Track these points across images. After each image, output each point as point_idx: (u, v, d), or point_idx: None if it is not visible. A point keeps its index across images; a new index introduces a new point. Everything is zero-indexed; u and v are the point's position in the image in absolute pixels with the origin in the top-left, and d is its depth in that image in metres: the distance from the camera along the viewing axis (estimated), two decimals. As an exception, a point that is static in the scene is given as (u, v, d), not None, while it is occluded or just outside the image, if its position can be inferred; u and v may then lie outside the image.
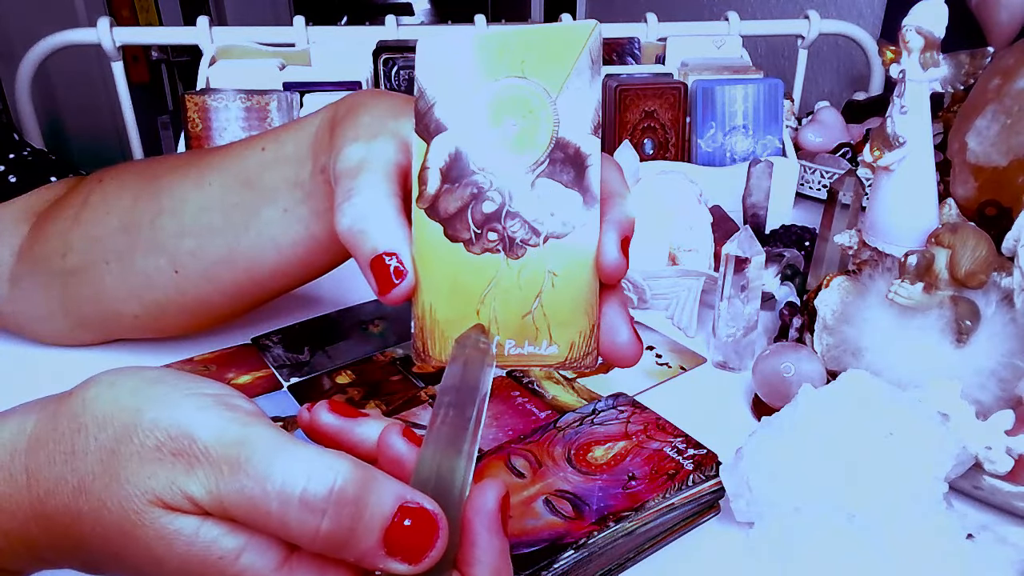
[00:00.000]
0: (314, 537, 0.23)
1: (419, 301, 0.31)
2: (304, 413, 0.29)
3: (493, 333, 0.30)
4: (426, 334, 0.31)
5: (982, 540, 0.39)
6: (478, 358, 0.28)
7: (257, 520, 0.23)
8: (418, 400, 0.55)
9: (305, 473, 0.23)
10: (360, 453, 0.27)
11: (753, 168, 0.77)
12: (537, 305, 0.30)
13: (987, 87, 0.59)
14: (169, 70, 3.02)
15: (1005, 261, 0.49)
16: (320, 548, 0.23)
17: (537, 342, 0.30)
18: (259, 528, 0.23)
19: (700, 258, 0.66)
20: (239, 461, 0.23)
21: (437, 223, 0.31)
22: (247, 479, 0.23)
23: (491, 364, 0.28)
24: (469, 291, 0.30)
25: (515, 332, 0.30)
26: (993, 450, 0.41)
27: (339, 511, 0.22)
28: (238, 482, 0.23)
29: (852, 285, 0.53)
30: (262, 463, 0.23)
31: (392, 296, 0.30)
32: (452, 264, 0.30)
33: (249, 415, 0.25)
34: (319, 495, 0.22)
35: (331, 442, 0.28)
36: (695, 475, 0.41)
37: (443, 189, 0.31)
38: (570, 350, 0.31)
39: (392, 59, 0.89)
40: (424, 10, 4.59)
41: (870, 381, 0.43)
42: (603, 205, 0.30)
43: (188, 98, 0.84)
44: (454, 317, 0.31)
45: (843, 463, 0.40)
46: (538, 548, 0.37)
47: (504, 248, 0.30)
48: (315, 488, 0.22)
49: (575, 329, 0.30)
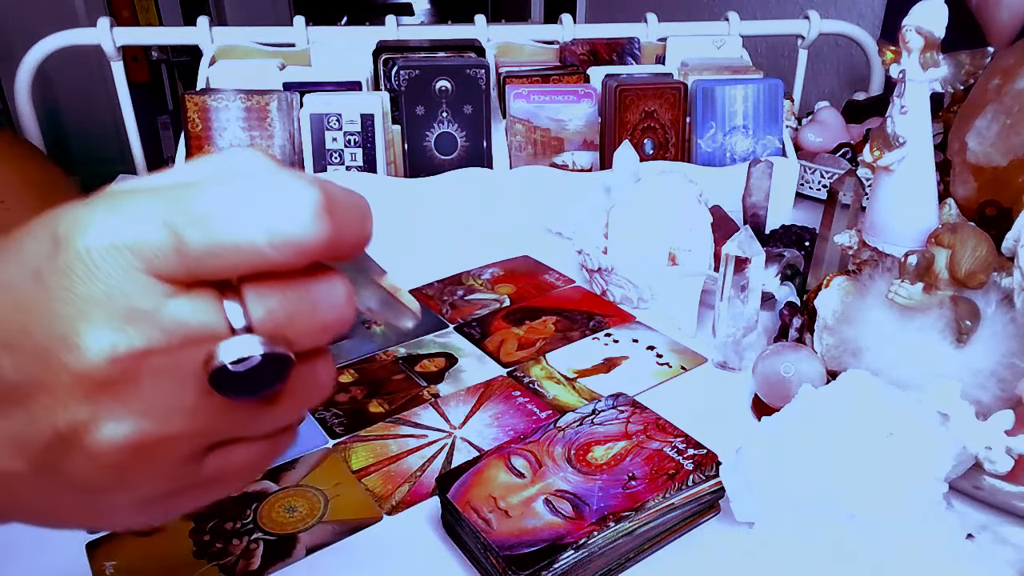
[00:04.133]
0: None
1: None
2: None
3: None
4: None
5: (982, 540, 0.39)
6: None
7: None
8: (420, 399, 0.55)
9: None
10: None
11: (753, 168, 0.77)
12: None
13: (987, 87, 0.59)
14: (169, 70, 3.02)
15: (1005, 261, 0.49)
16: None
17: None
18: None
19: (700, 258, 0.66)
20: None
21: None
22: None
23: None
24: None
25: None
26: (993, 450, 0.41)
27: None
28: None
29: (852, 285, 0.53)
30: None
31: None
32: None
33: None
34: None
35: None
36: (695, 475, 0.41)
37: None
38: None
39: (392, 59, 0.89)
40: (424, 10, 4.58)
41: (870, 381, 0.43)
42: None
43: (188, 98, 0.84)
44: None
45: (843, 463, 0.40)
46: (538, 548, 0.37)
47: None
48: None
49: None
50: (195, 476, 0.23)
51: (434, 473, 0.47)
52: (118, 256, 0.19)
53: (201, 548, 0.42)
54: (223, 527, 0.43)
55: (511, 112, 0.88)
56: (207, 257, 0.20)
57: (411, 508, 0.45)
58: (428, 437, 0.51)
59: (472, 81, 0.85)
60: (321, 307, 0.22)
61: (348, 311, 0.22)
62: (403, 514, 0.45)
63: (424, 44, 0.95)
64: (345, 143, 0.84)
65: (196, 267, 0.20)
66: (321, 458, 0.49)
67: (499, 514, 0.39)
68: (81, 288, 0.19)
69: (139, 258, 0.19)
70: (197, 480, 0.23)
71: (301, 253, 0.20)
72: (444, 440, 0.51)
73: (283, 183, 0.20)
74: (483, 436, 0.51)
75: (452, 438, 0.51)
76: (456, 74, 0.85)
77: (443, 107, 0.86)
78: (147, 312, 0.20)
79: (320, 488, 0.47)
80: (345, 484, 0.47)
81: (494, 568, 0.38)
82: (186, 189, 0.20)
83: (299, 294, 0.21)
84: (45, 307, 0.20)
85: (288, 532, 0.43)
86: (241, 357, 0.20)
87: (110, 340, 0.19)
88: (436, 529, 0.43)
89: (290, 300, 0.21)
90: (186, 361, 0.20)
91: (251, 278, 0.21)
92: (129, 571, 0.41)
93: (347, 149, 0.85)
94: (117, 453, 0.21)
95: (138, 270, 0.20)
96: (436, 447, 0.50)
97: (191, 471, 0.23)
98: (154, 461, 0.22)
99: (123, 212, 0.20)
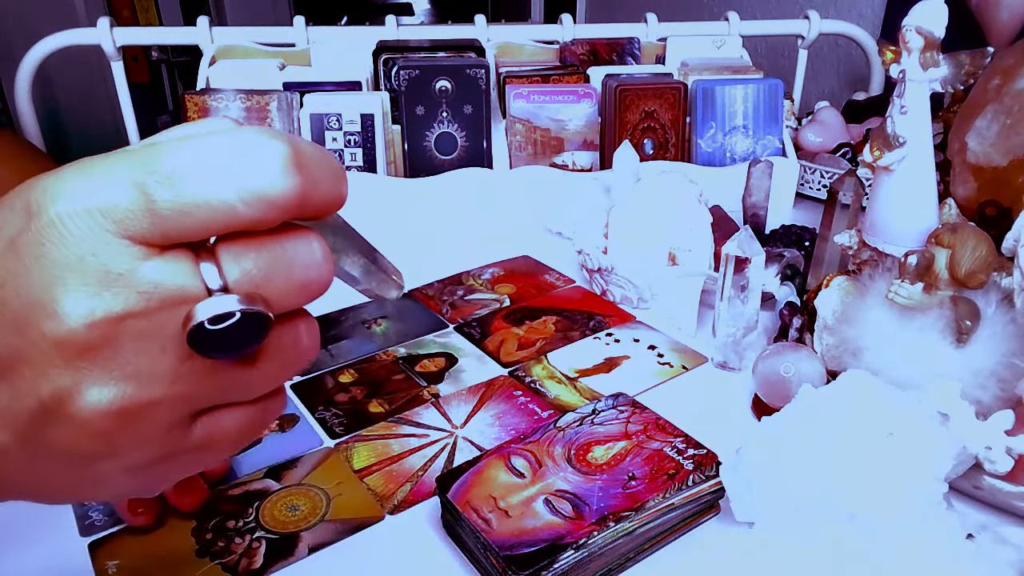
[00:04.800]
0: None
1: None
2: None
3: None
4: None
5: (982, 540, 0.39)
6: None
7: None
8: (420, 399, 0.55)
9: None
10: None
11: (753, 168, 0.77)
12: None
13: (987, 87, 0.59)
14: (169, 70, 3.02)
15: (1005, 261, 0.49)
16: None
17: None
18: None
19: (700, 258, 0.66)
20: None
21: None
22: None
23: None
24: None
25: None
26: (993, 450, 0.41)
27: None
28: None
29: (852, 285, 0.53)
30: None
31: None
32: None
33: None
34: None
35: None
36: (695, 475, 0.42)
37: None
38: None
39: (392, 59, 0.89)
40: (424, 10, 4.58)
41: (870, 381, 0.43)
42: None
43: (188, 98, 0.84)
44: None
45: (843, 463, 0.40)
46: (538, 548, 0.37)
47: None
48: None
49: None
50: (184, 442, 0.23)
51: (436, 472, 0.47)
52: (89, 220, 0.19)
53: (203, 547, 0.42)
54: (225, 526, 0.44)
55: (511, 112, 0.88)
56: (179, 216, 0.20)
57: (413, 508, 0.45)
58: (430, 437, 0.51)
59: (472, 81, 0.85)
60: (297, 266, 0.22)
61: (325, 270, 0.22)
62: (405, 513, 0.45)
63: (424, 44, 0.95)
64: (345, 143, 0.84)
65: (169, 227, 0.20)
66: (323, 457, 0.49)
67: (499, 514, 0.39)
68: (55, 254, 0.19)
69: (110, 220, 0.19)
70: (186, 446, 0.23)
71: (272, 208, 0.20)
72: (446, 440, 0.51)
73: (251, 139, 0.20)
74: (485, 435, 0.51)
75: (454, 438, 0.51)
76: (456, 74, 0.85)
77: (443, 107, 0.86)
78: (122, 275, 0.20)
79: (322, 487, 0.47)
80: (347, 483, 0.47)
81: (494, 568, 0.38)
82: (154, 149, 0.20)
83: (274, 253, 0.21)
84: (21, 276, 0.20)
85: (290, 531, 0.43)
86: (218, 315, 0.20)
87: (87, 305, 0.20)
88: (437, 529, 0.43)
89: (265, 259, 0.21)
90: (165, 324, 0.20)
91: (226, 238, 0.21)
92: (131, 570, 0.41)
93: (347, 149, 0.85)
94: (102, 419, 0.21)
95: (110, 233, 0.20)
96: (438, 447, 0.50)
97: (179, 437, 0.23)
98: (140, 426, 0.22)
99: (92, 176, 0.20)
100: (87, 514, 0.45)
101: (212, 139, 0.20)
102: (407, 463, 0.49)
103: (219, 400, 0.23)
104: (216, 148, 0.20)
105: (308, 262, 0.22)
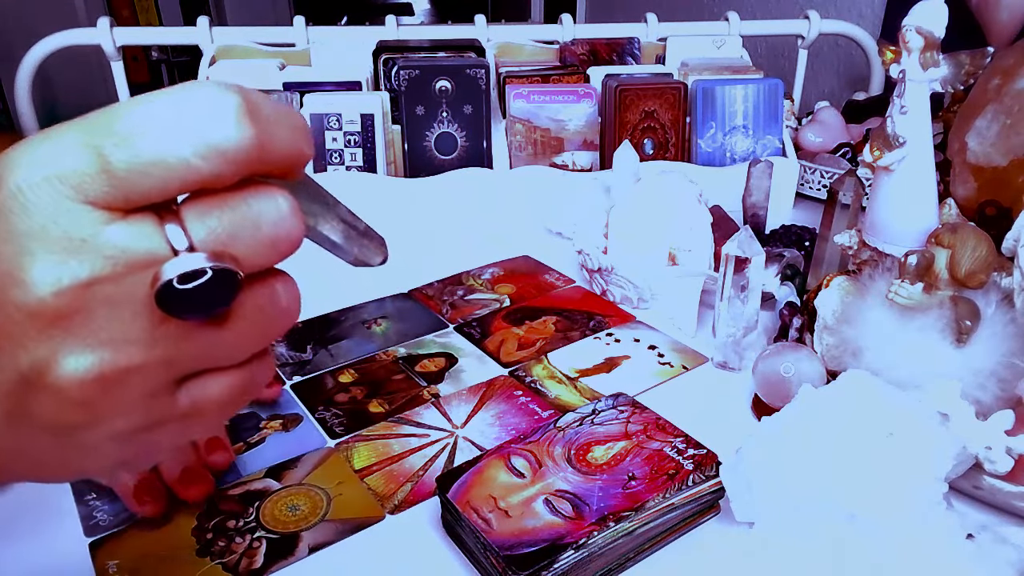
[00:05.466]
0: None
1: None
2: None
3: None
4: None
5: (982, 540, 0.39)
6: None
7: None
8: (420, 399, 0.55)
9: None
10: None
11: (753, 168, 0.77)
12: None
13: (987, 87, 0.59)
14: (169, 70, 3.03)
15: (1005, 261, 0.49)
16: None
17: None
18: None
19: (700, 258, 0.66)
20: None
21: None
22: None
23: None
24: None
25: None
26: (993, 450, 0.41)
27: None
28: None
29: (852, 285, 0.53)
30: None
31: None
32: None
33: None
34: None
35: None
36: (695, 475, 0.42)
37: None
38: None
39: (392, 59, 0.89)
40: (424, 10, 4.59)
41: (870, 381, 0.43)
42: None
43: (188, 98, 0.84)
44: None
45: (843, 463, 0.40)
46: (538, 548, 0.37)
47: None
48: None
49: None
50: (171, 409, 0.23)
51: (436, 472, 0.48)
52: (48, 187, 0.19)
53: (204, 546, 0.42)
54: (226, 525, 0.44)
55: (511, 112, 0.88)
56: (136, 176, 0.20)
57: (413, 507, 0.45)
58: (430, 436, 0.51)
59: (472, 81, 0.85)
60: (264, 222, 0.21)
61: (293, 225, 0.22)
62: (405, 513, 0.45)
63: (424, 44, 0.95)
64: (345, 143, 0.84)
65: (128, 189, 0.20)
66: (323, 457, 0.49)
67: (499, 514, 0.39)
68: (19, 224, 0.20)
69: (69, 186, 0.19)
70: (174, 413, 0.23)
71: (228, 161, 0.20)
72: (446, 440, 0.51)
73: (202, 93, 0.20)
74: (485, 435, 0.51)
75: (454, 437, 0.51)
76: (456, 74, 0.85)
77: (443, 107, 0.86)
78: (85, 241, 0.20)
79: (323, 487, 0.47)
80: (347, 483, 0.47)
81: (494, 568, 0.38)
82: (108, 112, 0.20)
83: (239, 211, 0.21)
84: None
85: (291, 531, 0.43)
86: (185, 273, 0.20)
87: (54, 273, 0.20)
88: (437, 529, 0.43)
89: (230, 217, 0.21)
90: (134, 288, 0.20)
91: (190, 199, 0.21)
92: (132, 570, 0.41)
93: (347, 149, 0.85)
94: (82, 387, 0.21)
95: (70, 199, 0.20)
96: (438, 446, 0.50)
97: (165, 404, 0.23)
98: (121, 393, 0.22)
99: (48, 144, 0.20)
100: (92, 514, 0.45)
101: (163, 96, 0.20)
102: (407, 463, 0.49)
103: (201, 365, 0.23)
104: (168, 105, 0.20)
105: (275, 218, 0.22)
